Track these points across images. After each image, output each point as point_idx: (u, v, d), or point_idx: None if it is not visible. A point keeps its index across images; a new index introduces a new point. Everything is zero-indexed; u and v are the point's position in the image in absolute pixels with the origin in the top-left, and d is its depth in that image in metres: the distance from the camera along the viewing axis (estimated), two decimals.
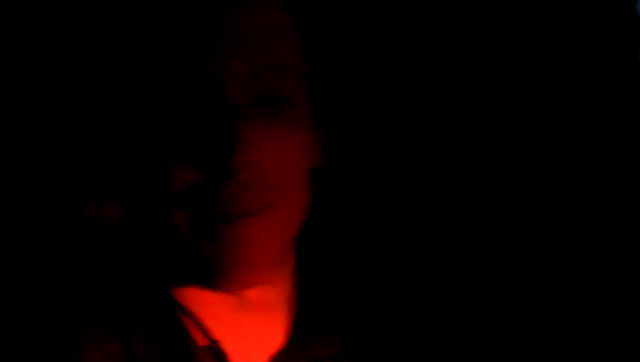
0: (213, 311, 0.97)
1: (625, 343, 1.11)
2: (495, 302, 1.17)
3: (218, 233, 0.91)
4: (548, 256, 1.19)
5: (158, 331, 0.96)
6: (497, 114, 1.23)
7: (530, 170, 1.22)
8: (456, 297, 1.15)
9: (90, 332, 0.94)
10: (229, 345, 0.97)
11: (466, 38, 1.25)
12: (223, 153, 0.89)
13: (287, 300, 1.01)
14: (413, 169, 1.24)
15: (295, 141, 0.94)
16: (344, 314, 1.05)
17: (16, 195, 1.13)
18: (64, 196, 1.03)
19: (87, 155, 1.01)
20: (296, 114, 0.95)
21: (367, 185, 1.24)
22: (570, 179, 1.21)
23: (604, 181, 1.19)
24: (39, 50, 1.12)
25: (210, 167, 0.90)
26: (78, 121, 1.01)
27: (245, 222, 0.91)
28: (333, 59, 1.06)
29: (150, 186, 0.92)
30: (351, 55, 1.24)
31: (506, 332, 1.14)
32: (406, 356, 1.05)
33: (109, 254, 1.00)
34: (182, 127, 0.91)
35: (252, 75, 0.91)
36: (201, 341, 0.96)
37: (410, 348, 1.06)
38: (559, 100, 1.22)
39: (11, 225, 1.12)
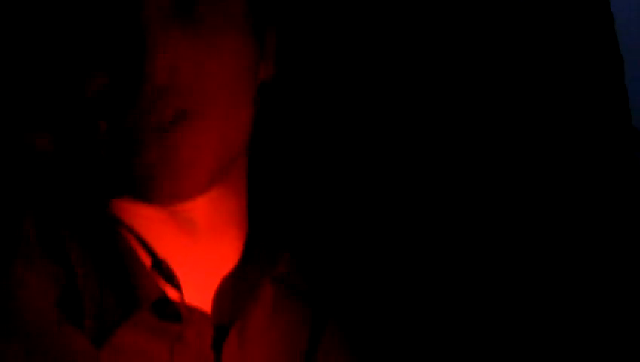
0: (159, 231, 0.93)
1: (625, 343, 1.08)
2: (479, 289, 1.13)
3: (140, 142, 0.86)
4: (549, 256, 1.15)
5: (100, 250, 0.91)
6: (495, 112, 1.20)
7: (528, 169, 1.19)
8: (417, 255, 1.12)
9: (29, 255, 0.90)
10: (176, 266, 0.92)
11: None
12: (136, 57, 0.84)
13: (237, 216, 0.97)
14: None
15: (221, 48, 0.88)
16: (299, 230, 1.02)
17: None
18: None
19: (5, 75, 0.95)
20: (223, 16, 0.89)
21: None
22: (568, 179, 1.18)
23: (603, 181, 1.17)
24: None
25: (127, 72, 0.85)
26: None
27: (170, 130, 0.86)
28: None
29: (71, 98, 0.87)
30: None
31: (499, 326, 1.12)
32: (357, 276, 1.02)
33: (42, 176, 0.96)
34: (98, 34, 0.86)
35: None
36: (146, 261, 0.92)
37: (362, 266, 1.03)
38: (558, 101, 1.19)
39: None
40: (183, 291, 0.91)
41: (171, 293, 0.91)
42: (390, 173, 1.16)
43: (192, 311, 0.92)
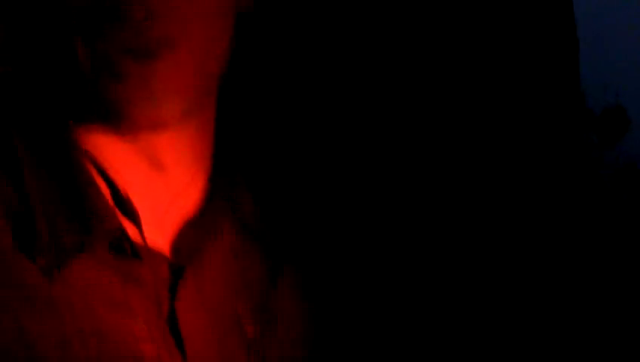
0: (123, 164, 0.90)
1: (625, 343, 1.08)
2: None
3: (122, 68, 0.84)
4: (544, 256, 1.14)
5: (59, 174, 0.88)
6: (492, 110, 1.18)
7: (522, 169, 1.18)
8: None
9: None
10: (137, 201, 0.89)
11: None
12: None
13: (202, 151, 0.94)
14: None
15: None
16: (262, 174, 1.00)
17: None
18: None
19: None
20: None
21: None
22: (568, 179, 1.16)
23: (603, 181, 1.14)
24: None
25: None
26: None
27: (153, 57, 0.84)
28: None
29: (48, 15, 0.84)
30: None
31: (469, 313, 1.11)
32: (321, 217, 1.01)
33: (3, 92, 0.91)
34: None
35: None
36: (106, 193, 0.89)
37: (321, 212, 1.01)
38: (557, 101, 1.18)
39: None
40: (143, 227, 0.89)
41: (130, 229, 0.88)
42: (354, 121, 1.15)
43: (150, 248, 0.89)
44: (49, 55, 0.86)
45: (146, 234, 0.89)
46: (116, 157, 0.89)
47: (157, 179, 0.91)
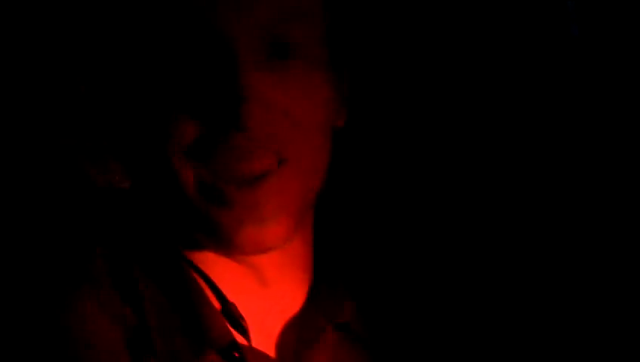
0: (228, 273, 0.94)
1: (625, 343, 1.09)
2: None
3: (229, 197, 0.88)
4: (549, 257, 1.16)
5: (173, 291, 0.93)
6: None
7: (530, 170, 1.19)
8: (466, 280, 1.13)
9: (98, 293, 0.91)
10: (244, 309, 0.94)
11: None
12: (234, 109, 0.85)
13: (304, 264, 0.99)
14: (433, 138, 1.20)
15: (311, 95, 0.90)
16: (361, 279, 1.03)
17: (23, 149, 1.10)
18: (74, 154, 0.99)
19: (95, 112, 0.96)
20: (312, 65, 0.91)
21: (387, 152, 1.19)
22: (568, 179, 1.18)
23: (603, 181, 1.16)
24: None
25: (220, 124, 0.86)
26: (87, 77, 0.97)
27: (257, 184, 0.88)
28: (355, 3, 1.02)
29: (159, 144, 0.89)
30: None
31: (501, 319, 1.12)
32: (419, 323, 1.03)
33: (118, 213, 0.98)
34: (192, 81, 0.87)
35: (264, 25, 0.87)
36: (215, 304, 0.94)
37: (424, 313, 1.04)
38: (557, 102, 1.20)
39: (19, 184, 1.10)
40: (250, 336, 0.93)
41: (238, 337, 0.93)
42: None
43: (258, 356, 0.93)
44: (164, 184, 0.90)
45: (253, 343, 0.93)
46: (222, 269, 0.94)
47: (261, 291, 0.95)
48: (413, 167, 1.20)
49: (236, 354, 0.92)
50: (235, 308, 0.93)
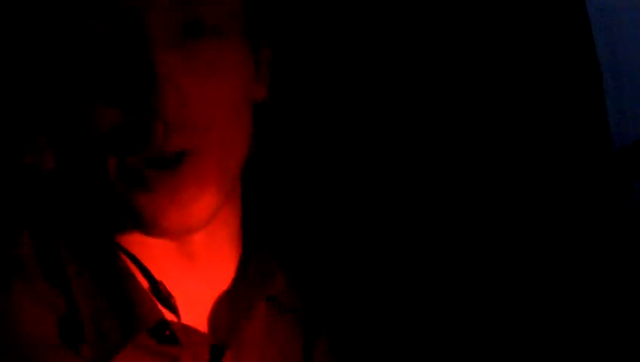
0: (155, 252, 0.94)
1: (625, 343, 1.09)
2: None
3: (149, 179, 0.87)
4: (542, 256, 1.17)
5: (99, 273, 0.92)
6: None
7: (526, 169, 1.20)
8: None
9: (27, 276, 0.91)
10: (173, 288, 0.94)
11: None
12: (146, 93, 0.84)
13: (232, 238, 0.98)
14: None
15: (225, 75, 0.89)
16: (291, 249, 1.03)
17: None
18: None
19: (21, 93, 0.95)
20: (225, 42, 0.89)
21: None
22: (570, 180, 1.19)
23: (603, 181, 1.18)
24: None
25: (133, 108, 0.85)
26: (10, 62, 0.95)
27: (176, 167, 0.87)
28: None
29: (78, 128, 0.88)
30: None
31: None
32: (350, 294, 1.04)
33: (44, 196, 0.97)
34: (101, 64, 0.86)
35: (174, 3, 0.86)
36: (144, 283, 0.94)
37: (354, 284, 1.04)
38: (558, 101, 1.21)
39: None
40: (180, 313, 0.93)
41: (168, 316, 0.93)
42: (381, 188, 1.18)
43: (189, 333, 0.93)
44: (85, 169, 0.90)
45: (183, 320, 0.93)
46: (149, 249, 0.94)
47: (190, 268, 0.95)
48: (344, 135, 1.19)
49: (167, 333, 0.92)
50: (163, 286, 0.93)
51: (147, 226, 0.89)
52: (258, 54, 0.95)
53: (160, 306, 0.93)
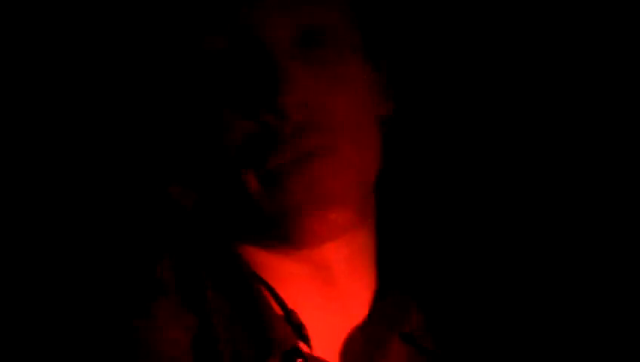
0: (291, 281, 0.93)
1: (625, 343, 1.05)
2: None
3: (285, 181, 0.88)
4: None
5: (236, 298, 0.91)
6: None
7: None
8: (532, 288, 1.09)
9: (165, 303, 0.90)
10: (307, 317, 0.92)
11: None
12: (270, 97, 0.87)
13: (368, 265, 0.97)
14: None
15: (345, 83, 0.91)
16: (428, 287, 1.00)
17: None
18: (157, 172, 0.99)
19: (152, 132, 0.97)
20: (345, 53, 0.92)
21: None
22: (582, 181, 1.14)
23: (604, 181, 1.13)
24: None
25: (260, 113, 0.88)
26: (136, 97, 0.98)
27: (309, 165, 0.88)
28: None
29: (211, 145, 0.90)
30: None
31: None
32: (488, 337, 1.00)
33: (182, 223, 0.97)
34: (225, 80, 0.89)
35: (288, 9, 0.89)
36: (277, 310, 0.92)
37: (493, 327, 1.01)
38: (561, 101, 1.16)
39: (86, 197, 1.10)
40: (311, 341, 0.91)
41: (301, 345, 0.90)
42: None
43: (320, 360, 0.91)
44: (224, 185, 0.91)
45: (315, 350, 0.91)
46: (287, 277, 0.93)
47: (326, 298, 0.93)
48: (483, 166, 1.15)
49: (299, 360, 0.89)
50: (296, 315, 0.91)
51: (285, 233, 0.90)
52: (379, 70, 0.96)
53: (293, 332, 0.90)
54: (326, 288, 0.93)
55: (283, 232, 0.90)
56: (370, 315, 0.95)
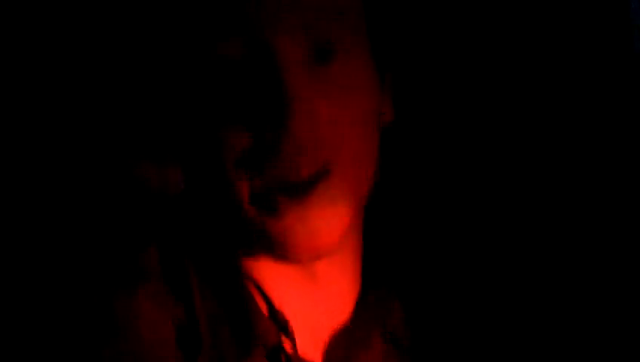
0: (278, 281, 0.94)
1: (625, 343, 1.06)
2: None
3: (280, 206, 0.87)
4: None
5: (222, 292, 0.92)
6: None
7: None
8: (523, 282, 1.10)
9: (149, 289, 0.90)
10: (292, 316, 0.93)
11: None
12: (277, 115, 0.85)
13: (353, 271, 0.97)
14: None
15: (358, 97, 0.89)
16: (410, 287, 1.01)
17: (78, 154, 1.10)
18: (125, 158, 1.00)
19: (144, 119, 0.98)
20: (355, 67, 0.90)
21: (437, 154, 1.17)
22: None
23: (605, 182, 1.13)
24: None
25: (264, 130, 0.86)
26: (134, 85, 0.99)
27: (308, 194, 0.87)
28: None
29: (212, 154, 0.88)
30: None
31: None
32: (470, 335, 1.01)
33: (171, 216, 0.97)
34: (234, 90, 0.87)
35: (304, 27, 0.87)
36: (264, 309, 0.93)
37: (474, 325, 1.02)
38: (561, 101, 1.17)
39: (73, 186, 1.09)
40: (297, 339, 0.92)
41: (285, 341, 0.91)
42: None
43: (303, 360, 0.92)
44: (217, 193, 0.90)
45: (300, 346, 0.92)
46: (274, 277, 0.93)
47: (310, 296, 0.94)
48: (466, 166, 1.16)
49: (282, 358, 0.90)
50: (281, 312, 0.92)
51: (277, 252, 0.89)
52: (383, 75, 0.95)
53: (277, 331, 0.92)
54: (310, 288, 0.93)
55: (270, 249, 0.90)
56: (353, 312, 0.95)
